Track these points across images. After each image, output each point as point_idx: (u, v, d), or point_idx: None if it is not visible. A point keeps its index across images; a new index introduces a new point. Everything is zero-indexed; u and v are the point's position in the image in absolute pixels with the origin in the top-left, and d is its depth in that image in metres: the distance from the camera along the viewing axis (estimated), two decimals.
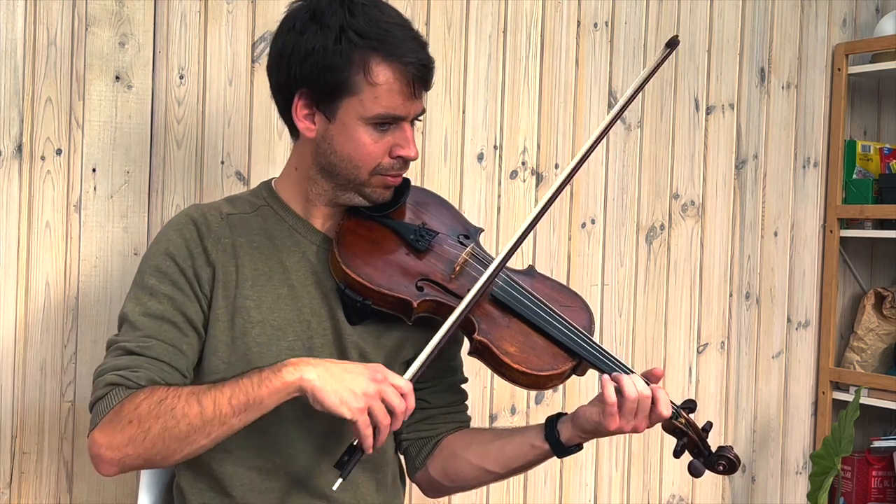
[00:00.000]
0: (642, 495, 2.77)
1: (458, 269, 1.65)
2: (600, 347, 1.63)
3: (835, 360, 3.10)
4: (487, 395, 2.50)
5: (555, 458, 1.68)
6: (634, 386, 1.56)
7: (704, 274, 2.87)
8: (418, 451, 1.77)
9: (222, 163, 2.19)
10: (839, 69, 3.05)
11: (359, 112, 1.58)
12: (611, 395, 1.55)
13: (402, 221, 1.69)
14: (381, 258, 1.64)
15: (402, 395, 1.47)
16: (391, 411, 1.46)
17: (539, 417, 2.56)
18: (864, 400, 2.92)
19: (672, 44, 1.68)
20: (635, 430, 1.59)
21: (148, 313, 1.57)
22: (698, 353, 2.87)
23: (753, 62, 2.93)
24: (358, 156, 1.60)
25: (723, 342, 2.91)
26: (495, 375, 1.64)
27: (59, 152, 2.04)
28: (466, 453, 1.73)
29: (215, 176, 2.18)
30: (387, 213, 1.68)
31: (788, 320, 3.04)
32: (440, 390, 1.78)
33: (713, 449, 1.64)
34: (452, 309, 1.58)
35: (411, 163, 1.64)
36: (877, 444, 3.00)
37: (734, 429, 2.94)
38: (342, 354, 1.65)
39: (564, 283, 1.78)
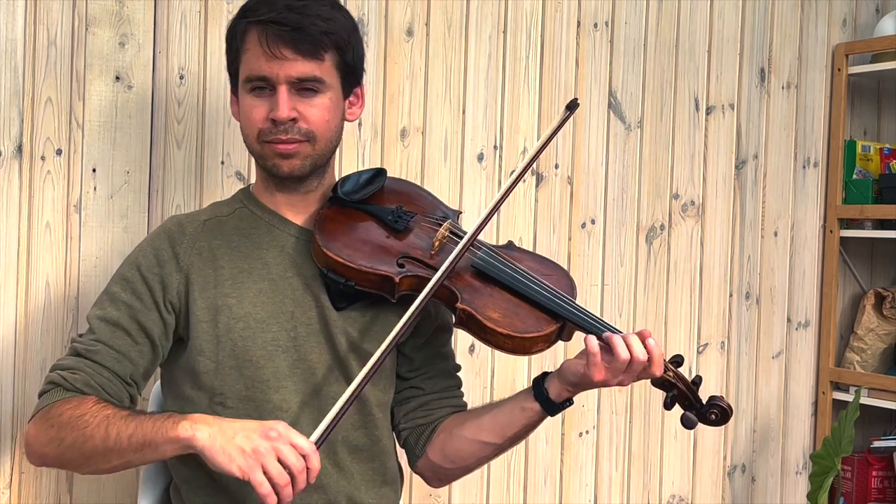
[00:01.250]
0: (642, 495, 2.77)
1: (437, 244, 1.67)
2: (584, 309, 1.64)
3: (835, 360, 3.09)
4: (487, 395, 2.50)
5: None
6: (627, 347, 1.56)
7: (704, 274, 2.87)
8: (417, 438, 1.78)
9: (222, 163, 2.19)
10: (839, 69, 3.05)
11: (241, 79, 1.65)
12: (593, 347, 1.57)
13: (380, 205, 1.72)
14: (361, 240, 1.66)
15: (302, 455, 1.43)
16: (290, 471, 1.42)
17: None
18: (864, 400, 2.92)
19: (572, 107, 1.74)
20: (620, 384, 1.61)
21: (104, 318, 1.63)
22: (698, 353, 2.87)
23: (753, 62, 2.93)
24: (245, 123, 1.66)
25: (723, 342, 2.91)
26: (495, 376, 1.64)
27: (59, 152, 2.04)
28: (462, 430, 1.73)
29: (215, 176, 2.18)
30: (364, 199, 1.71)
31: (788, 320, 3.04)
32: (433, 376, 1.80)
33: (704, 400, 1.65)
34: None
35: (411, 163, 1.65)
36: (877, 444, 3.00)
37: (734, 429, 2.94)
38: (330, 341, 1.66)
39: (543, 255, 1.80)
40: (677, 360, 1.65)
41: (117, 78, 2.09)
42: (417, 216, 1.72)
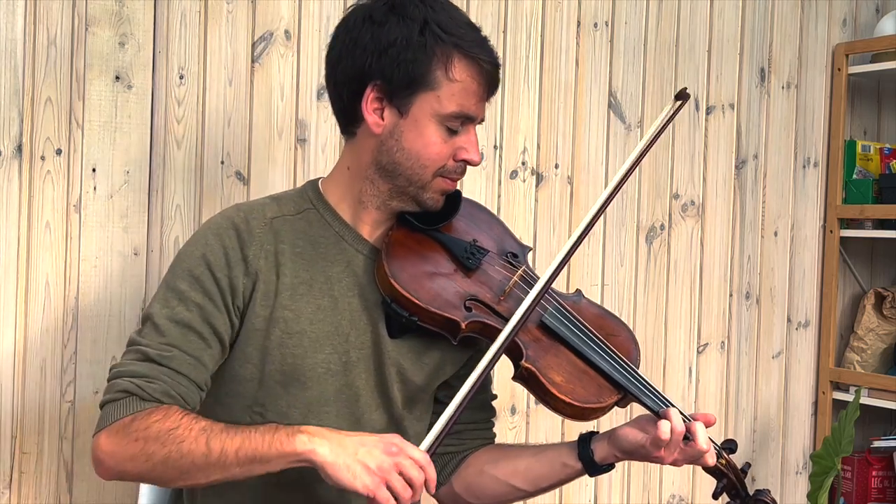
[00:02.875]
0: (642, 495, 2.77)
1: (508, 291, 1.60)
2: (647, 382, 1.60)
3: (835, 360, 3.09)
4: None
5: (585, 476, 1.67)
6: (689, 430, 1.56)
7: (704, 274, 2.87)
8: (443, 466, 1.73)
9: (222, 163, 2.19)
10: (839, 69, 3.05)
11: (434, 108, 1.54)
12: (665, 434, 1.54)
13: (453, 237, 1.63)
14: (430, 274, 1.58)
15: (420, 466, 1.41)
16: (410, 484, 1.40)
17: (539, 418, 2.56)
18: (864, 400, 2.92)
19: (682, 96, 1.70)
20: (674, 464, 1.59)
21: (174, 319, 1.52)
22: (698, 353, 2.87)
23: (753, 62, 2.93)
24: (426, 154, 1.56)
25: (723, 342, 2.91)
26: (495, 376, 1.63)
27: (59, 152, 2.04)
28: (494, 470, 1.70)
29: (215, 176, 2.18)
30: (437, 227, 1.63)
31: (788, 320, 3.04)
32: (471, 407, 1.70)
33: (751, 492, 1.64)
34: (499, 331, 1.54)
35: None
36: (877, 444, 2.99)
37: (734, 429, 2.94)
38: (379, 369, 1.61)
39: (611, 311, 1.74)
40: (730, 447, 1.63)
41: (117, 78, 2.09)
42: (490, 254, 1.63)
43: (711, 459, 1.58)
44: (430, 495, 1.78)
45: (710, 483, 2.91)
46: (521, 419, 2.57)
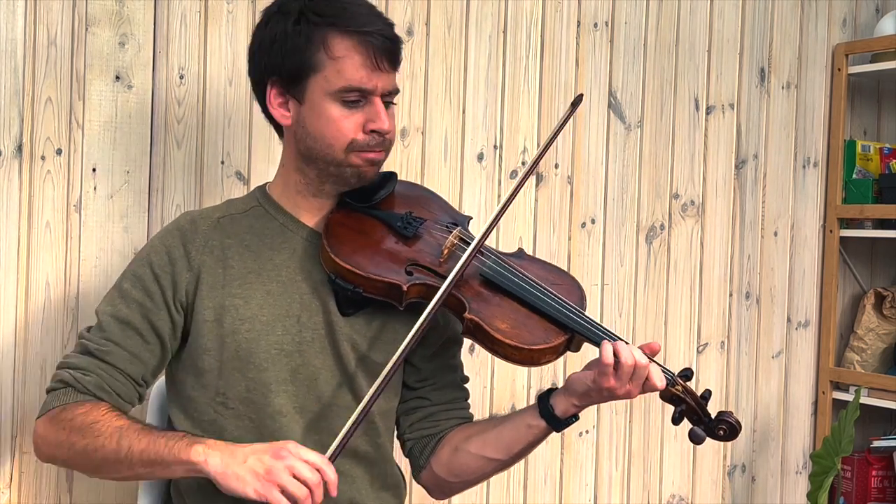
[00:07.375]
0: (642, 495, 2.77)
1: (446, 252, 1.65)
2: (592, 320, 1.63)
3: (835, 360, 3.09)
4: (487, 395, 2.50)
5: (554, 435, 1.69)
6: (632, 353, 1.57)
7: (704, 274, 2.87)
8: (421, 449, 1.77)
9: (222, 163, 2.19)
10: (839, 69, 3.05)
11: (324, 88, 1.61)
12: (608, 357, 1.56)
13: (389, 211, 1.70)
14: (369, 246, 1.65)
15: (316, 468, 1.46)
16: (306, 485, 1.45)
17: None
18: (864, 400, 2.92)
19: (576, 103, 1.73)
20: (628, 395, 1.60)
21: (115, 316, 1.63)
22: (698, 352, 2.87)
23: (753, 62, 2.93)
24: (330, 133, 1.62)
25: (723, 342, 2.91)
26: (495, 375, 1.64)
27: (59, 152, 2.04)
28: (467, 445, 1.73)
29: (215, 176, 2.18)
30: (373, 204, 1.70)
31: (788, 320, 3.04)
32: (440, 387, 1.79)
33: (713, 415, 1.65)
34: None
35: (412, 163, 1.64)
36: (877, 444, 3.00)
37: None
38: (335, 347, 1.66)
39: (554, 264, 1.79)
40: (686, 374, 1.64)
41: (117, 78, 2.09)
42: (427, 222, 1.70)
43: (660, 382, 1.60)
44: (416, 481, 1.80)
45: (710, 482, 2.93)
46: None
